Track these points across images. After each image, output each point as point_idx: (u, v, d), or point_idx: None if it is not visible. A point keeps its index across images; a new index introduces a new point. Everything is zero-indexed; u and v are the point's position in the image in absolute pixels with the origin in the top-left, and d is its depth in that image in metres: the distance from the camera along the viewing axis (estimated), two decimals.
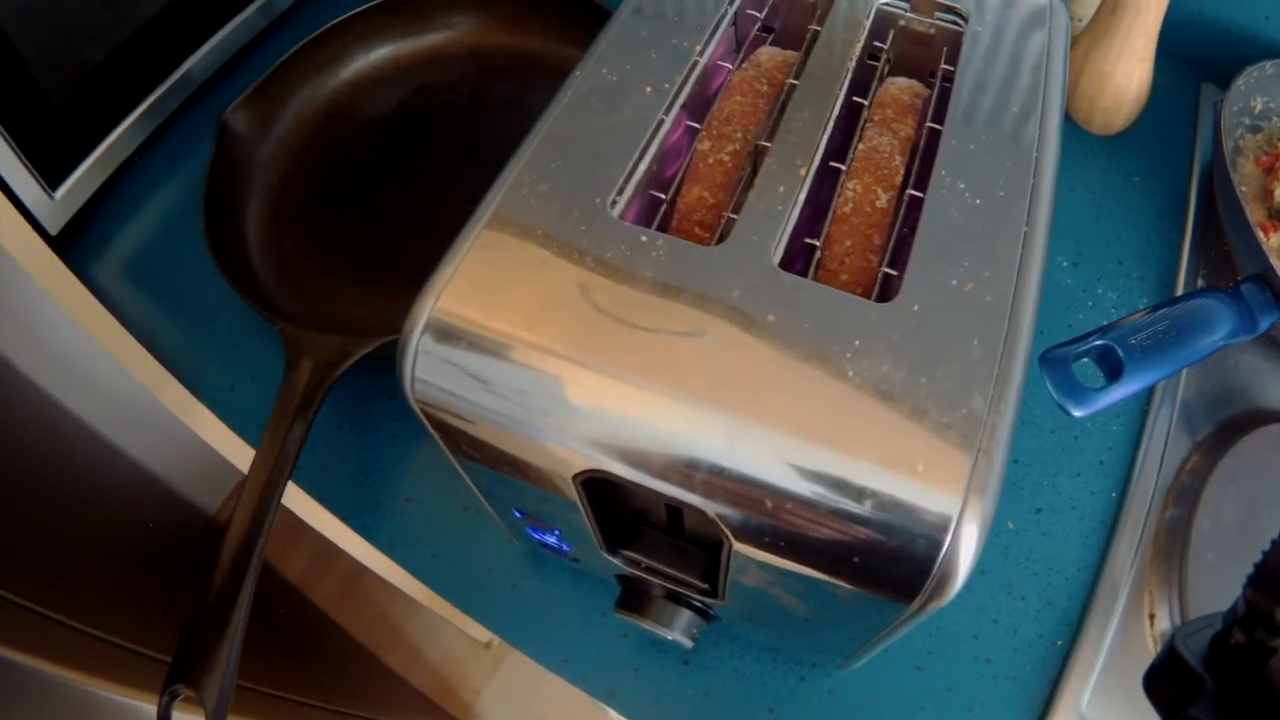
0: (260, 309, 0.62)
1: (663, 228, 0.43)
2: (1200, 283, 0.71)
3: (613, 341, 0.36)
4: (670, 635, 0.49)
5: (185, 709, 0.50)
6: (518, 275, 0.38)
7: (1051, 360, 0.53)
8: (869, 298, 0.39)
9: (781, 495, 0.34)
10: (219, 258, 0.64)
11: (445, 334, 0.38)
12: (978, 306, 0.38)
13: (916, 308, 0.37)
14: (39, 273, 0.64)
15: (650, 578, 0.48)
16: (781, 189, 0.41)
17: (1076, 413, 0.53)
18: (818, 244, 0.42)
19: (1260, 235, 0.63)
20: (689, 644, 0.50)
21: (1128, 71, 0.72)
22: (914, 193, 0.43)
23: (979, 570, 0.58)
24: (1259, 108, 0.74)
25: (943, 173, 0.42)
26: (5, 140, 0.62)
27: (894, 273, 0.40)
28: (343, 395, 0.64)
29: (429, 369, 0.38)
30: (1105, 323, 0.56)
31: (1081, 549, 0.61)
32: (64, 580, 0.78)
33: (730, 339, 0.36)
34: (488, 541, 0.61)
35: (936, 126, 0.44)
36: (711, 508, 0.36)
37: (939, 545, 0.33)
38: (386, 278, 0.68)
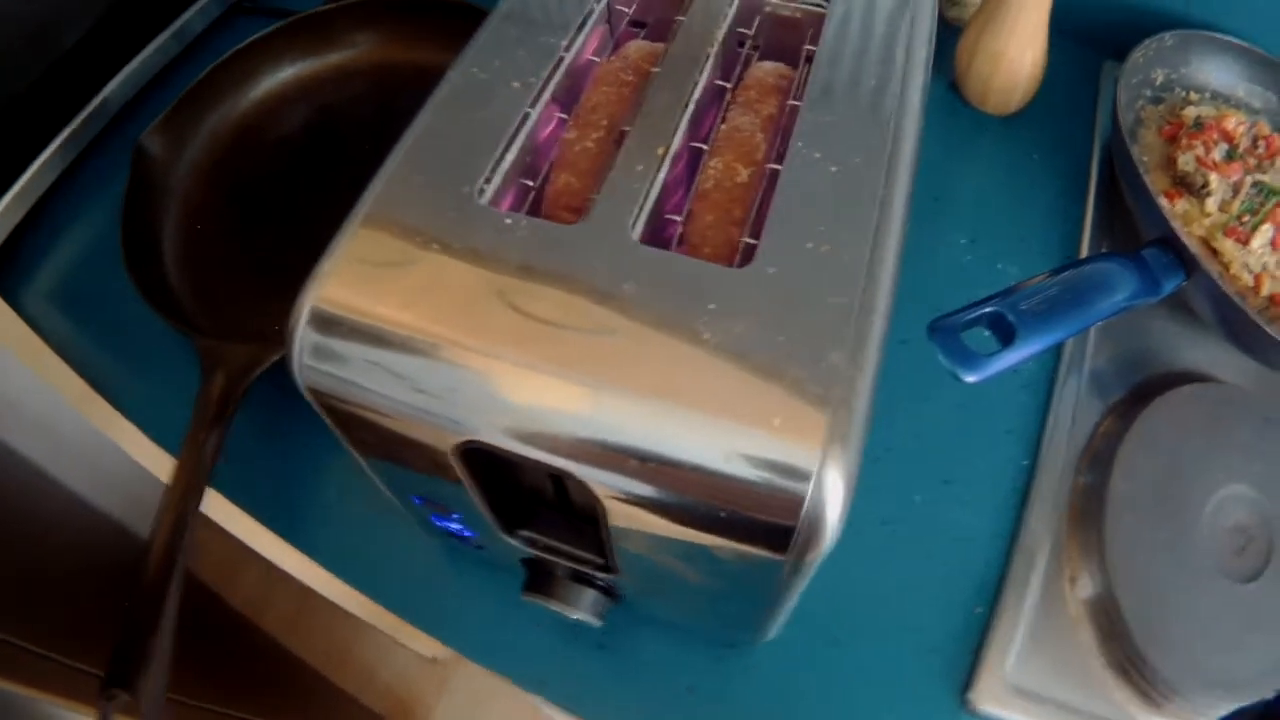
0: (176, 325, 0.65)
1: (533, 213, 0.46)
2: (1104, 251, 0.74)
3: (481, 319, 0.39)
4: (576, 615, 0.52)
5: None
6: (392, 263, 0.41)
7: (941, 329, 0.55)
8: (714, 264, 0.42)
9: (645, 456, 0.37)
10: (136, 277, 0.67)
11: (326, 322, 0.40)
12: (833, 267, 0.40)
13: (772, 270, 0.40)
14: None
15: (551, 557, 0.50)
16: (640, 168, 0.43)
17: (968, 378, 0.55)
18: (679, 219, 0.44)
19: (1163, 202, 0.66)
20: (597, 623, 0.52)
21: (1019, 50, 0.75)
22: (774, 166, 0.46)
23: (892, 540, 0.61)
24: (1160, 79, 0.78)
25: (799, 144, 0.44)
26: None
27: (755, 242, 0.43)
28: (258, 406, 0.66)
29: (314, 356, 0.41)
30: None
31: (995, 518, 0.64)
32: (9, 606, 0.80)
33: (590, 310, 0.39)
34: (406, 538, 0.63)
35: (797, 103, 0.47)
36: (581, 472, 0.38)
37: (801, 496, 0.36)
38: (297, 289, 0.71)
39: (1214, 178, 0.71)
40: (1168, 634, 0.59)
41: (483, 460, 0.42)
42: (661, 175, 0.44)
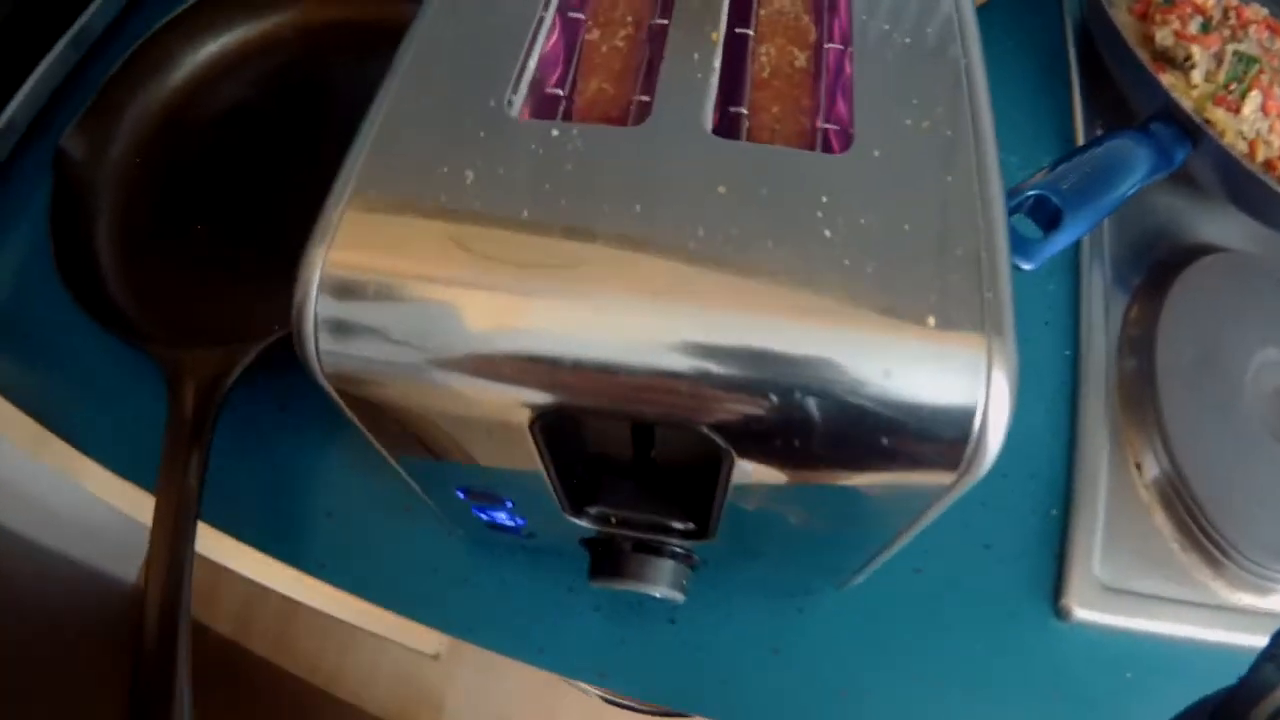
0: (127, 337, 0.54)
1: None
2: (1100, 131, 0.67)
3: (547, 253, 0.29)
4: (659, 592, 0.42)
5: None
6: (418, 200, 0.30)
7: None
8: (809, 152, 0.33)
9: (785, 387, 0.28)
10: (75, 291, 0.55)
11: (345, 289, 0.30)
12: (940, 144, 0.32)
13: (877, 153, 0.31)
14: None
15: (622, 532, 0.41)
16: (696, 56, 0.34)
17: (1025, 266, 0.49)
18: (744, 112, 0.35)
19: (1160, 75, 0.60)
20: (680, 598, 0.43)
21: None
22: (833, 46, 0.37)
23: None
24: None
25: (863, 17, 0.35)
26: None
27: (834, 126, 0.34)
28: (233, 416, 0.54)
29: (334, 336, 0.30)
30: (1013, 185, 0.51)
31: (1049, 413, 0.57)
32: None
33: (681, 221, 0.29)
34: (425, 540, 0.53)
35: None
36: (704, 420, 0.29)
37: (973, 402, 0.27)
38: (259, 278, 0.58)
39: (1195, 49, 0.64)
40: (1237, 506, 0.53)
41: (560, 428, 0.33)
42: (718, 63, 0.34)
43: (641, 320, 0.28)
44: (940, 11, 0.36)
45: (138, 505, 0.63)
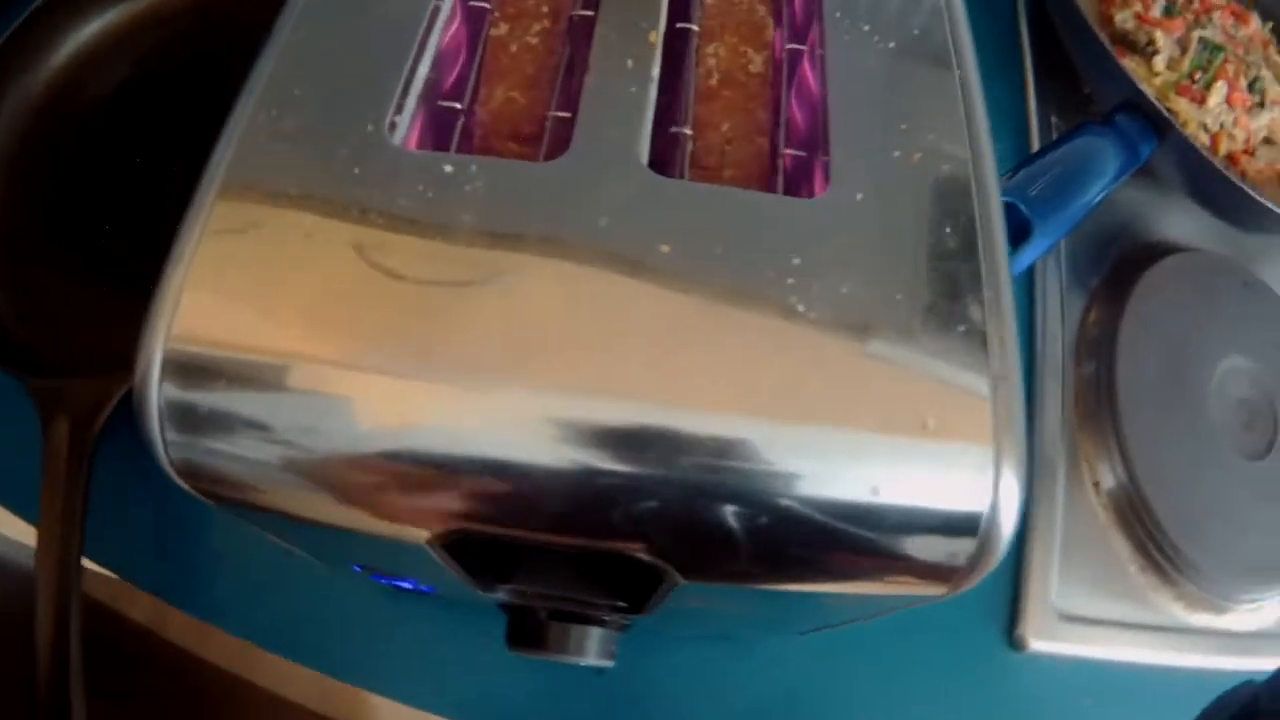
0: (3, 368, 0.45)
1: (468, 150, 0.27)
2: (1055, 121, 0.60)
3: (439, 331, 0.21)
4: (585, 662, 0.35)
5: None
6: (278, 261, 0.22)
7: None
8: (774, 193, 0.25)
9: (741, 509, 0.21)
10: None
11: (193, 372, 0.22)
12: (936, 182, 0.24)
13: (860, 196, 0.24)
14: None
15: (545, 605, 0.33)
16: (630, 63, 0.25)
17: None
18: (687, 132, 0.27)
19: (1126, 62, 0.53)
20: (609, 664, 0.36)
21: None
22: (794, 46, 0.29)
23: None
24: None
25: (837, 14, 0.27)
26: None
27: (800, 153, 0.26)
28: (118, 447, 0.45)
29: (183, 426, 0.22)
30: None
31: None
32: None
33: (613, 292, 0.21)
34: (332, 586, 0.45)
35: None
36: (640, 547, 0.22)
37: (975, 517, 0.22)
38: (149, 286, 0.49)
39: (1159, 34, 0.58)
40: (1197, 523, 0.49)
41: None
42: (656, 71, 0.26)
43: (563, 421, 0.21)
44: (926, 7, 0.28)
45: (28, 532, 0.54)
